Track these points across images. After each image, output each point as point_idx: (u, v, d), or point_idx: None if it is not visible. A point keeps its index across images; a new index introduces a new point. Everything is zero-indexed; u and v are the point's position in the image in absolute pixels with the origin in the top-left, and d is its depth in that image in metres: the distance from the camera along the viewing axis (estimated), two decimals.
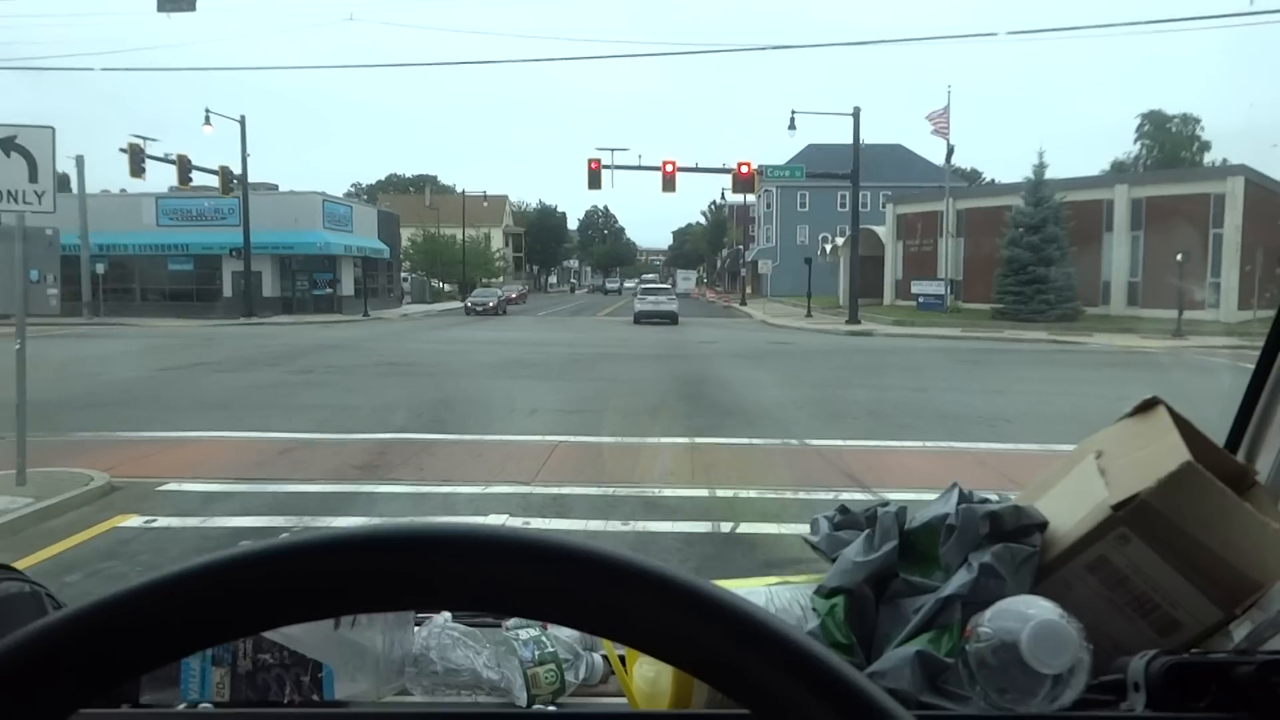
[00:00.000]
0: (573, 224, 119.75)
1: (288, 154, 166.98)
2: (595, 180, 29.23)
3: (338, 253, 39.05)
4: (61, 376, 14.63)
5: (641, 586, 0.40)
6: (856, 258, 33.74)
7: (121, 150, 28.70)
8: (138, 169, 29.12)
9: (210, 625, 0.41)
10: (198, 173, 31.90)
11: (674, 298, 37.17)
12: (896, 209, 42.07)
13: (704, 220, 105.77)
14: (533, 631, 1.11)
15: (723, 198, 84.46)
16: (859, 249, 34.01)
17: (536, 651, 1.09)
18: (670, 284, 52.13)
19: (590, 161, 28.96)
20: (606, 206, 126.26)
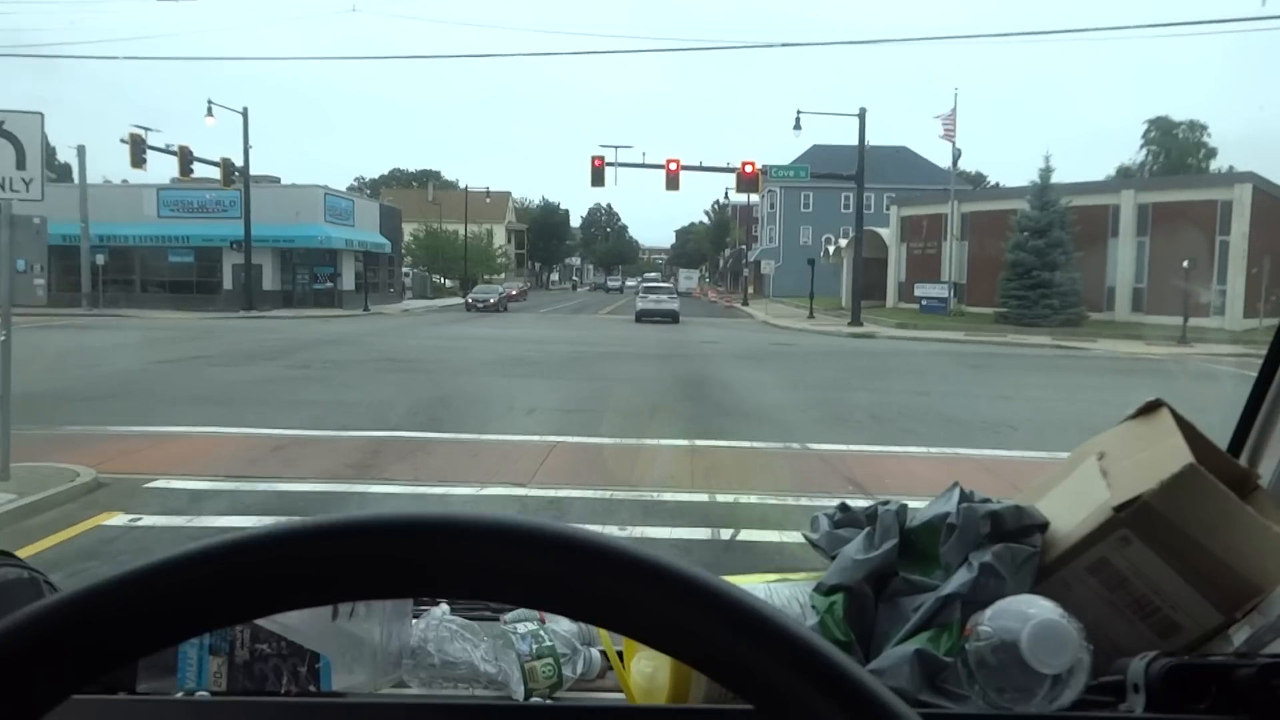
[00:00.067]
0: (575, 221, 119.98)
1: (290, 147, 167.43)
2: (599, 177, 29.22)
3: (339, 247, 38.96)
4: (56, 368, 14.58)
5: (648, 579, 0.40)
6: (860, 259, 33.71)
7: (122, 141, 28.68)
8: (138, 159, 29.04)
9: (207, 611, 0.41)
10: (199, 164, 31.92)
11: (675, 296, 37.31)
12: (900, 211, 42.01)
13: (707, 219, 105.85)
14: (531, 625, 1.11)
15: (726, 197, 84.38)
16: (862, 250, 34.01)
17: (534, 645, 1.09)
18: (672, 283, 52.12)
19: (594, 159, 28.94)
20: (609, 204, 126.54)
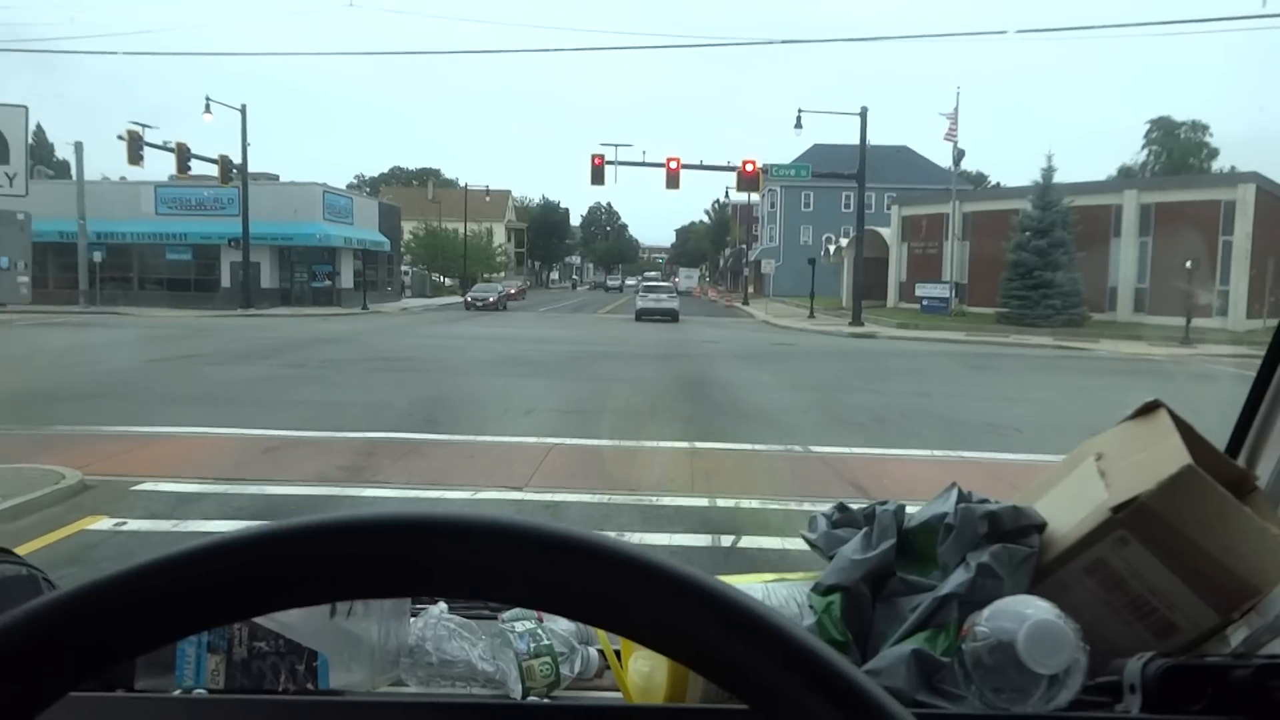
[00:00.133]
0: (575, 220, 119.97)
1: (289, 144, 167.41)
2: (599, 176, 29.23)
3: (337, 245, 38.89)
4: (49, 366, 14.44)
5: (642, 578, 0.40)
6: (860, 259, 33.69)
7: (120, 138, 28.59)
8: (136, 156, 28.94)
9: (206, 609, 0.41)
10: (197, 161, 31.75)
11: (675, 295, 37.36)
12: (901, 210, 41.98)
13: (707, 218, 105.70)
14: (528, 624, 1.11)
15: (726, 196, 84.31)
16: (863, 250, 33.99)
17: (532, 644, 1.09)
18: (672, 282, 52.13)
19: (594, 157, 28.96)
20: (609, 203, 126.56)
